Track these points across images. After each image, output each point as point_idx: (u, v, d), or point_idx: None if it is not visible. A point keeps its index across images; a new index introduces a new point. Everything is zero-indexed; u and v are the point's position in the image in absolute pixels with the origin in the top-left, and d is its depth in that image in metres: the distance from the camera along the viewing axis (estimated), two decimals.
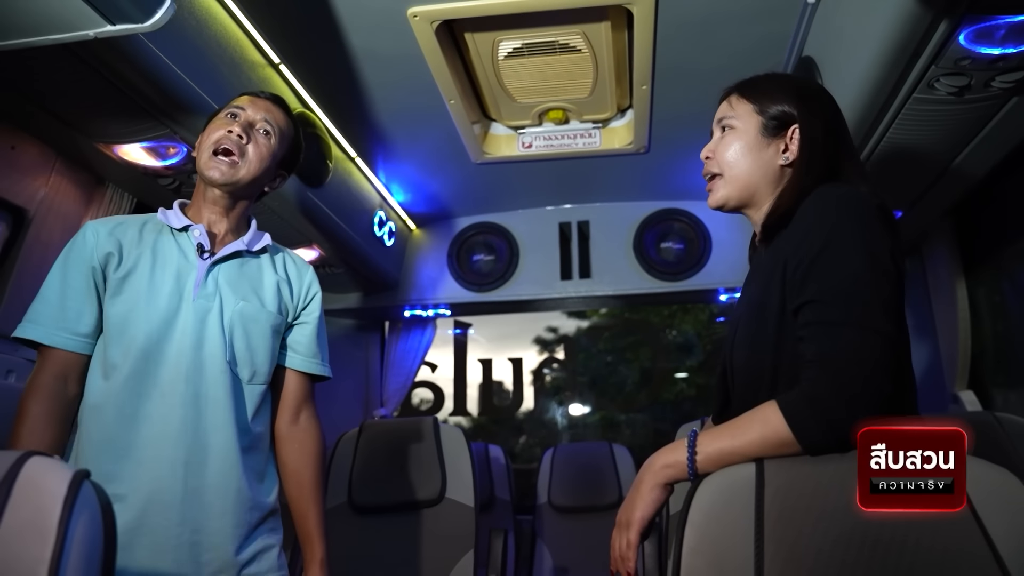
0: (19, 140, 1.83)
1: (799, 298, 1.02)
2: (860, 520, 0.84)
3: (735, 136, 1.22)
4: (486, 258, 3.51)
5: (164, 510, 1.27)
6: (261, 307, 1.44)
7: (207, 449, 1.33)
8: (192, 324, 1.35)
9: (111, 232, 1.38)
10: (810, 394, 0.94)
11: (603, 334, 8.07)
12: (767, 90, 1.23)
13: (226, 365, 1.37)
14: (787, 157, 1.19)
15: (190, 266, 1.39)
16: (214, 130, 1.43)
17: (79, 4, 1.08)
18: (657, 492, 1.04)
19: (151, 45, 1.54)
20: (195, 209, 1.47)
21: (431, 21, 1.95)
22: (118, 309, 1.33)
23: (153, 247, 1.39)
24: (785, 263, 1.07)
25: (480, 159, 2.78)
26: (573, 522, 3.30)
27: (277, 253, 1.56)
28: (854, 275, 0.99)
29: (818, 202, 1.08)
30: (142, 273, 1.36)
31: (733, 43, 2.10)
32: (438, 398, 5.80)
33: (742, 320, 1.16)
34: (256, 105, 1.48)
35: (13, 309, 1.84)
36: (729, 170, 1.21)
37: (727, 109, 1.25)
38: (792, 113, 1.19)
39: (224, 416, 1.35)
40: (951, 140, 1.86)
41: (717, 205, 1.25)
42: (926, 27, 1.44)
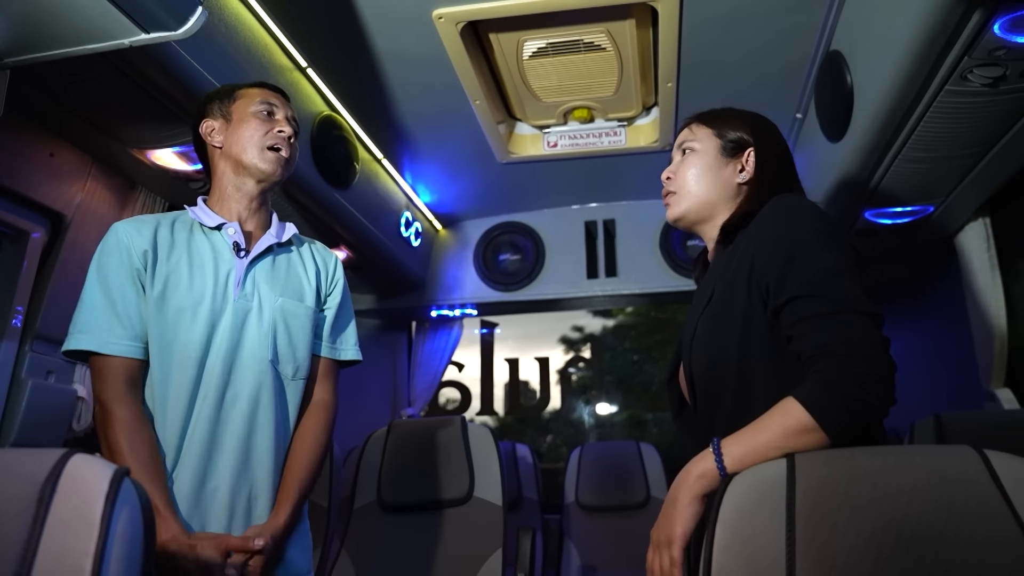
0: (57, 147, 1.88)
1: (780, 297, 1.06)
2: (894, 517, 0.83)
3: (696, 157, 1.30)
4: (512, 258, 3.52)
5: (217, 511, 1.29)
6: (299, 302, 1.44)
7: (251, 450, 1.33)
8: (232, 324, 1.34)
9: (143, 232, 1.36)
10: (827, 381, 0.96)
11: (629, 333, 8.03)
12: (725, 117, 1.32)
13: (268, 364, 1.36)
14: (744, 176, 1.27)
15: (227, 266, 1.39)
16: (257, 126, 1.42)
17: (115, 14, 1.11)
18: (696, 506, 1.02)
19: (183, 52, 1.58)
20: (221, 205, 1.44)
21: (456, 22, 1.96)
22: (165, 316, 1.31)
23: (188, 248, 1.38)
24: (752, 262, 1.11)
25: (505, 159, 2.79)
26: (601, 521, 3.29)
27: (302, 244, 1.55)
28: (832, 268, 1.04)
29: (779, 204, 1.15)
30: (181, 278, 1.34)
31: (759, 37, 2.09)
32: (465, 398, 5.81)
33: (703, 320, 1.18)
34: (281, 101, 1.49)
35: (53, 312, 1.89)
36: (687, 188, 1.29)
37: (688, 135, 1.33)
38: (748, 138, 1.29)
39: (267, 416, 1.35)
40: (985, 132, 1.83)
41: (675, 218, 1.31)
42: (959, 17, 1.41)
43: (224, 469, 1.30)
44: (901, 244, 2.68)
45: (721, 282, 1.18)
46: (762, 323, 1.09)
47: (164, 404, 1.30)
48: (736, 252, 1.17)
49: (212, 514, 1.29)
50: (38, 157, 1.83)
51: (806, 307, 1.02)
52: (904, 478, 0.85)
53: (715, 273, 1.23)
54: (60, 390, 1.91)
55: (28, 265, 1.85)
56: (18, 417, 1.79)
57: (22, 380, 1.81)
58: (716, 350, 1.14)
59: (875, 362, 0.96)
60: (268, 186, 1.46)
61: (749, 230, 1.17)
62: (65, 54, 1.24)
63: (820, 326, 1.01)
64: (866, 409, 0.94)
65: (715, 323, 1.15)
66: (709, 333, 1.16)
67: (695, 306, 1.24)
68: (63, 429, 1.92)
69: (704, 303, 1.20)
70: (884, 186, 2.17)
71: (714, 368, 1.14)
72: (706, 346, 1.16)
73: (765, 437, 0.97)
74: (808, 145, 2.50)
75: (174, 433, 1.29)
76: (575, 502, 3.35)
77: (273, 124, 1.44)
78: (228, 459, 1.31)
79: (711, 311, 1.17)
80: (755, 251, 1.12)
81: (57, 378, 1.91)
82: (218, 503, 1.29)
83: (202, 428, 1.30)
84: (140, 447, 1.23)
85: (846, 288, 1.02)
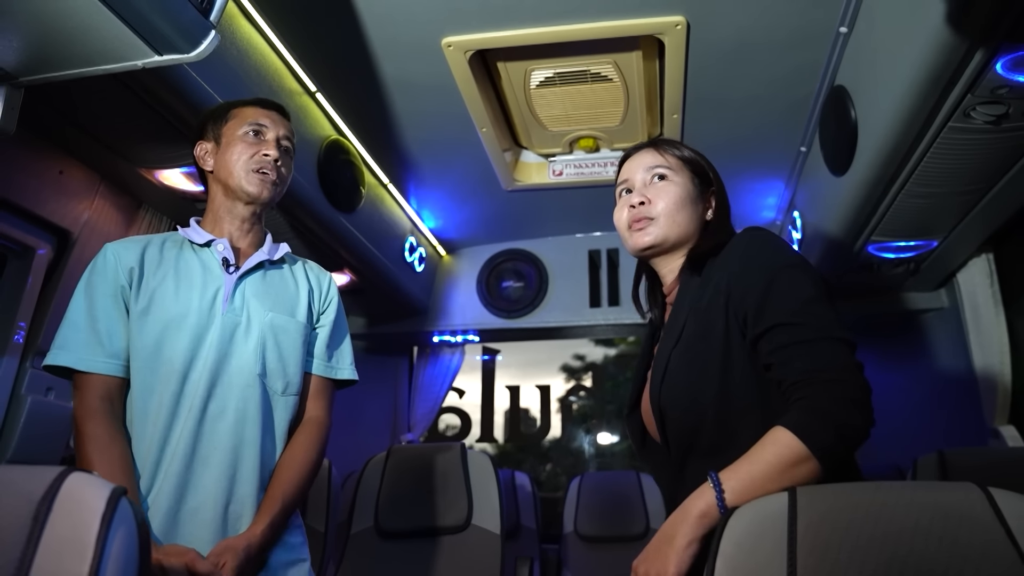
0: (66, 165, 1.89)
1: (759, 326, 1.06)
2: (897, 553, 0.82)
3: (675, 187, 1.26)
4: (515, 285, 3.52)
5: (198, 530, 1.27)
6: (290, 318, 1.43)
7: (237, 465, 1.32)
8: (219, 339, 1.34)
9: (131, 251, 1.38)
10: (812, 407, 0.97)
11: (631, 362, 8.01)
12: (688, 151, 1.31)
13: (256, 379, 1.35)
14: (710, 214, 1.28)
15: (216, 281, 1.39)
16: (243, 149, 1.43)
17: (130, 36, 1.12)
18: (695, 547, 0.97)
19: (194, 74, 1.60)
20: (214, 224, 1.45)
21: (465, 51, 1.99)
22: (149, 331, 1.32)
23: (175, 265, 1.39)
24: (728, 292, 1.11)
25: (511, 186, 2.81)
26: (599, 552, 3.25)
27: (295, 263, 1.55)
28: (811, 297, 1.06)
29: (754, 235, 1.16)
30: (167, 293, 1.35)
31: (764, 72, 2.11)
32: (465, 424, 5.78)
33: (676, 353, 1.16)
34: (274, 120, 1.48)
35: (56, 329, 1.89)
36: (669, 216, 1.24)
37: (659, 159, 1.28)
38: (709, 174, 1.30)
39: (254, 432, 1.34)
40: (988, 169, 1.84)
41: (650, 245, 1.25)
42: (961, 56, 1.43)
43: (208, 484, 1.28)
44: (904, 278, 2.68)
45: (694, 315, 1.16)
46: (742, 354, 1.09)
47: (144, 419, 1.29)
48: (708, 284, 1.16)
49: (193, 532, 1.26)
50: (47, 174, 1.85)
51: (784, 335, 1.04)
52: (907, 514, 0.84)
53: (683, 306, 1.20)
54: (59, 407, 1.91)
55: (33, 281, 1.86)
56: (16, 433, 1.78)
57: (22, 396, 1.81)
58: (693, 383, 1.12)
59: (855, 386, 0.98)
60: (258, 208, 1.46)
61: (719, 260, 1.17)
62: (79, 74, 1.26)
63: (801, 353, 1.02)
64: (853, 432, 0.96)
65: (690, 356, 1.14)
66: (685, 366, 1.14)
67: (665, 339, 1.21)
68: (61, 446, 1.91)
69: (676, 336, 1.17)
70: (887, 220, 2.18)
71: (691, 402, 1.11)
72: (682, 380, 1.13)
73: (761, 469, 0.96)
74: (812, 178, 2.51)
75: (154, 448, 1.28)
76: (574, 532, 3.31)
77: (260, 146, 1.43)
78: (212, 474, 1.29)
79: (685, 344, 1.15)
80: (730, 281, 1.12)
81: (56, 395, 1.91)
82: (200, 521, 1.27)
83: (185, 442, 1.28)
84: (110, 463, 1.22)
85: (823, 316, 1.04)
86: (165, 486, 1.26)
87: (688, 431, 1.13)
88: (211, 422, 1.31)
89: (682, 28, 1.90)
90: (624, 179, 1.32)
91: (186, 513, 1.27)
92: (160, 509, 1.26)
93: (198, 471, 1.29)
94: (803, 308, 1.05)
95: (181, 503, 1.27)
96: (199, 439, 1.29)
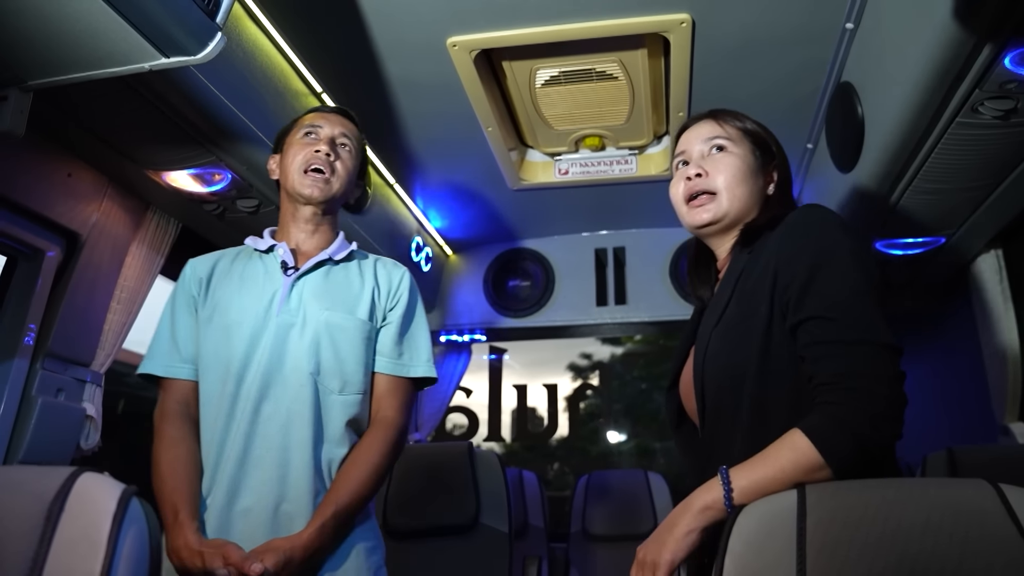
0: (75, 167, 1.90)
1: (798, 314, 1.01)
2: (907, 551, 0.82)
3: (735, 158, 1.20)
4: (522, 284, 3.52)
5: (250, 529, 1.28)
6: (349, 315, 1.43)
7: (288, 465, 1.32)
8: (273, 340, 1.36)
9: (205, 264, 1.49)
10: (835, 416, 0.94)
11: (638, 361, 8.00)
12: (752, 124, 1.25)
13: (309, 378, 1.36)
14: (772, 188, 1.22)
15: (274, 284, 1.43)
16: (297, 151, 1.48)
17: (136, 39, 1.13)
18: (694, 537, 0.98)
19: (201, 76, 1.60)
20: (283, 231, 1.52)
21: (470, 50, 1.99)
22: (211, 336, 1.39)
23: (241, 273, 1.46)
24: (776, 273, 1.05)
25: (517, 185, 2.81)
26: (607, 550, 3.25)
27: (366, 259, 1.56)
28: (854, 291, 0.99)
29: (810, 215, 1.08)
30: (229, 299, 1.41)
31: (770, 69, 2.10)
32: (472, 423, 5.79)
33: (717, 332, 1.12)
34: (330, 120, 1.53)
35: (65, 331, 1.90)
36: (731, 189, 1.18)
37: (718, 129, 1.23)
38: (771, 147, 1.23)
39: (305, 432, 1.34)
40: (997, 164, 1.83)
41: (712, 220, 1.19)
42: (969, 51, 1.42)
43: (258, 485, 1.30)
44: (913, 275, 2.67)
45: (739, 292, 1.11)
46: (783, 339, 1.04)
47: (206, 421, 1.37)
48: (757, 262, 1.11)
49: (245, 532, 1.27)
50: (56, 177, 1.86)
51: (822, 330, 0.99)
52: (917, 511, 0.84)
53: (730, 282, 1.15)
54: (69, 408, 1.92)
55: (42, 283, 1.87)
56: (27, 434, 1.79)
57: (32, 398, 1.82)
58: (733, 365, 1.08)
59: (885, 399, 0.94)
60: (318, 208, 1.49)
61: (772, 237, 1.10)
62: (87, 77, 1.26)
63: (834, 353, 0.97)
64: (873, 446, 0.93)
65: (732, 336, 1.09)
66: (725, 347, 1.10)
67: (708, 317, 1.17)
68: (71, 447, 1.93)
69: (718, 314, 1.13)
70: (895, 217, 2.17)
71: (730, 384, 1.08)
72: (722, 361, 1.10)
73: (774, 473, 0.95)
74: (819, 175, 2.50)
75: (213, 448, 1.34)
76: (581, 531, 3.32)
77: (312, 145, 1.48)
78: (262, 474, 1.31)
79: (727, 323, 1.11)
80: (779, 264, 1.05)
81: (67, 396, 1.92)
82: (251, 521, 1.29)
83: (239, 443, 1.32)
84: (176, 460, 1.31)
85: (866, 315, 0.98)
86: (220, 486, 1.30)
87: (724, 414, 1.09)
88: (264, 423, 1.33)
89: (687, 26, 1.89)
90: (681, 151, 1.26)
91: (238, 513, 1.30)
92: (215, 509, 1.29)
93: (250, 472, 1.31)
94: (847, 302, 0.99)
95: (233, 503, 1.30)
96: (252, 440, 1.32)
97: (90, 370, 2.00)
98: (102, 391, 2.04)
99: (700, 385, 1.13)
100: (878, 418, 0.92)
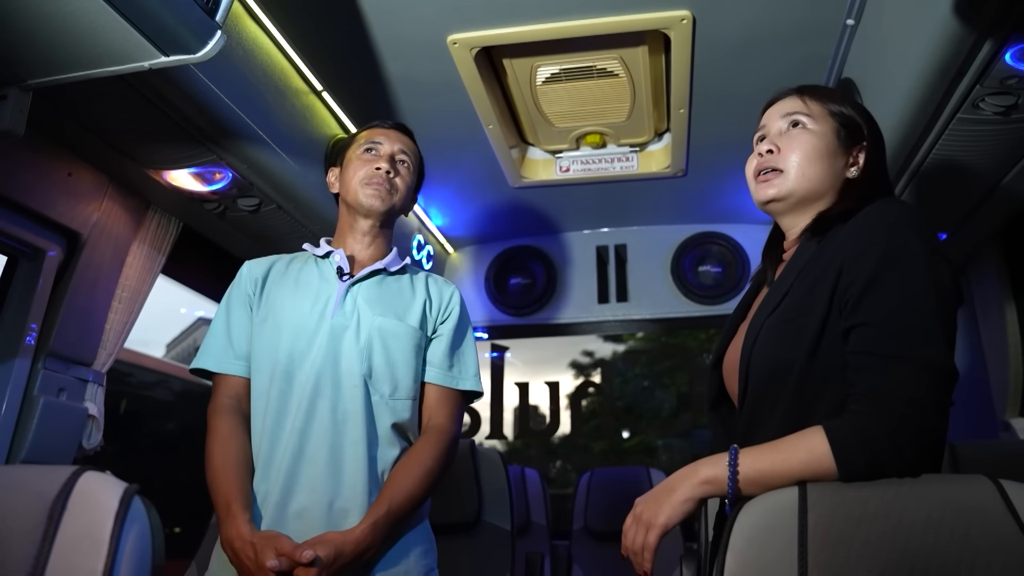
0: (75, 167, 1.90)
1: (853, 318, 0.98)
2: (908, 547, 0.82)
3: (811, 136, 1.16)
4: (523, 282, 3.52)
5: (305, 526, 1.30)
6: (400, 322, 1.47)
7: (342, 464, 1.35)
8: (328, 341, 1.40)
9: (261, 266, 1.54)
10: (859, 427, 0.92)
11: (640, 358, 8.01)
12: (841, 101, 1.20)
13: (362, 379, 1.39)
14: (853, 172, 1.15)
15: (329, 288, 1.47)
16: (358, 167, 1.54)
17: (136, 38, 1.13)
18: (690, 505, 0.99)
19: (201, 75, 1.60)
20: (340, 239, 1.58)
21: (470, 48, 1.99)
22: (265, 335, 1.43)
23: (297, 276, 1.51)
24: (840, 269, 1.01)
25: (518, 183, 2.81)
26: (610, 547, 3.25)
27: (417, 274, 1.61)
28: (920, 301, 0.95)
29: (885, 211, 1.03)
30: (284, 301, 1.46)
31: (772, 66, 2.10)
32: (474, 421, 5.79)
33: (771, 320, 1.09)
34: (390, 137, 1.60)
35: (66, 330, 1.91)
36: (799, 168, 1.15)
37: (799, 105, 1.19)
38: (862, 128, 1.17)
39: (360, 431, 1.37)
40: (998, 159, 1.83)
41: (776, 198, 1.17)
42: (970, 46, 1.42)
43: (314, 482, 1.33)
44: None
45: (800, 284, 1.08)
46: (835, 340, 1.01)
47: (256, 416, 1.40)
48: (825, 253, 1.06)
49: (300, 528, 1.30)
50: (56, 176, 1.86)
51: (868, 339, 0.95)
52: (918, 508, 0.84)
53: (793, 270, 1.11)
54: (71, 408, 1.92)
55: (44, 283, 1.87)
56: (29, 434, 1.79)
57: (34, 397, 1.82)
58: (781, 356, 1.05)
59: (917, 424, 0.90)
60: (376, 221, 1.55)
61: (844, 230, 1.06)
62: (87, 76, 1.26)
63: (872, 366, 0.94)
64: (889, 466, 0.90)
65: (785, 329, 1.06)
66: (777, 337, 1.07)
67: (766, 302, 1.13)
68: (73, 447, 1.93)
69: (776, 302, 1.10)
70: None
71: (774, 376, 1.06)
72: (771, 350, 1.07)
73: (782, 467, 0.94)
74: None
75: (264, 444, 1.37)
76: (584, 528, 3.32)
77: (374, 161, 1.54)
78: (316, 471, 1.33)
79: (783, 314, 1.07)
80: (845, 261, 1.01)
81: (68, 396, 1.92)
82: (307, 519, 1.31)
83: (294, 441, 1.35)
84: (228, 453, 1.35)
85: (916, 329, 0.94)
86: (275, 483, 1.33)
87: (764, 401, 1.07)
88: (318, 421, 1.36)
89: (688, 22, 1.89)
90: (761, 125, 1.24)
91: (294, 510, 1.32)
92: (270, 505, 1.32)
93: (305, 468, 1.34)
94: (904, 313, 0.94)
95: (289, 500, 1.33)
96: (306, 437, 1.35)
97: (92, 370, 2.00)
98: (104, 390, 2.04)
99: (745, 370, 1.10)
100: (900, 439, 0.89)
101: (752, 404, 1.09)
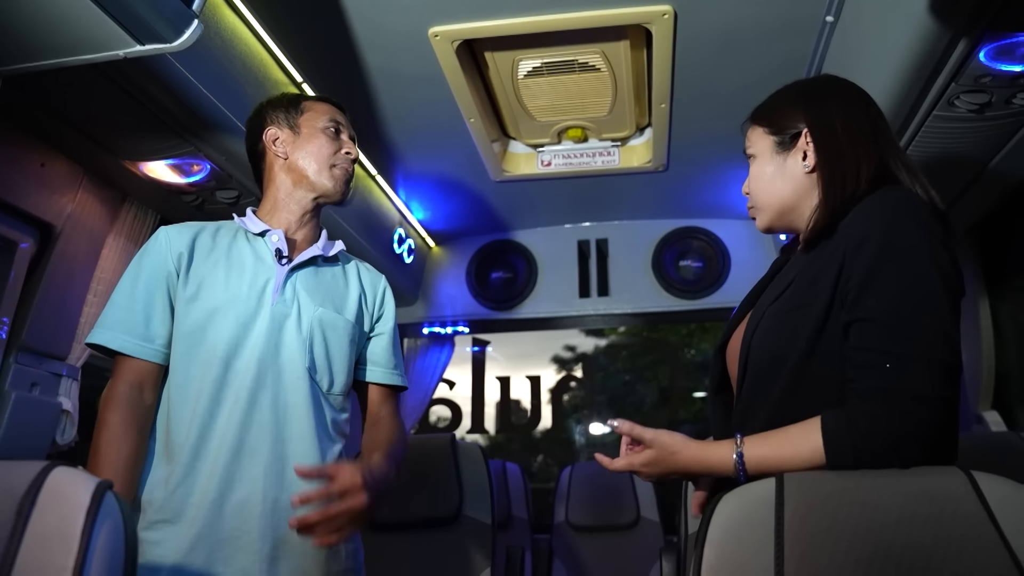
0: (48, 157, 1.87)
1: (853, 312, 0.97)
2: (882, 539, 0.83)
3: (756, 164, 1.21)
4: (505, 276, 3.52)
5: (245, 522, 1.25)
6: (339, 315, 1.42)
7: (286, 459, 1.29)
8: (268, 329, 1.32)
9: (183, 236, 1.37)
10: (854, 420, 0.93)
11: (621, 353, 8.04)
12: (774, 106, 1.21)
13: (305, 372, 1.33)
14: (807, 164, 1.13)
15: (267, 271, 1.37)
16: (323, 143, 1.45)
17: (110, 25, 1.11)
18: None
19: (178, 64, 1.58)
20: (272, 214, 1.45)
21: (452, 40, 1.97)
22: (195, 316, 1.30)
23: (227, 252, 1.38)
24: (842, 261, 1.00)
25: (499, 177, 2.80)
26: (591, 541, 3.27)
27: (349, 262, 1.55)
28: (922, 296, 0.94)
29: (882, 199, 1.01)
30: (216, 280, 1.34)
31: (752, 62, 2.11)
32: (456, 415, 5.79)
33: (772, 310, 1.09)
34: (346, 121, 1.53)
35: (39, 324, 1.88)
36: (761, 198, 1.20)
37: (746, 142, 1.24)
38: (799, 119, 1.15)
39: (305, 425, 1.31)
40: (972, 157, 1.85)
41: (765, 229, 1.23)
42: (945, 45, 1.44)
43: (255, 476, 1.26)
44: None
45: (803, 276, 1.08)
46: (835, 332, 1.00)
47: (183, 405, 1.28)
48: (829, 244, 1.06)
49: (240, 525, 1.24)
50: (29, 167, 1.83)
51: (868, 335, 0.95)
52: (892, 499, 0.85)
53: (798, 263, 1.12)
54: (44, 403, 1.89)
55: (15, 275, 1.84)
56: (0, 430, 1.76)
57: (5, 392, 1.79)
58: (779, 349, 1.05)
59: (918, 424, 0.90)
60: (325, 202, 1.48)
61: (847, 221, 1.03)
62: (59, 64, 1.24)
63: (872, 362, 0.94)
64: (874, 460, 0.90)
65: (786, 319, 1.06)
66: (777, 327, 1.07)
67: (772, 288, 1.14)
68: (46, 442, 1.90)
69: (780, 290, 1.10)
70: None
71: (771, 365, 1.06)
72: (771, 339, 1.07)
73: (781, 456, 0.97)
74: None
75: (192, 435, 1.26)
76: (565, 522, 3.33)
77: (340, 144, 1.47)
78: (258, 465, 1.26)
79: (783, 304, 1.08)
80: (846, 254, 1.00)
81: (41, 391, 1.89)
82: (247, 514, 1.25)
83: (232, 432, 1.26)
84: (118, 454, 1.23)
85: (926, 324, 0.92)
86: (211, 476, 1.24)
87: (761, 388, 1.07)
88: (259, 413, 1.28)
89: (669, 17, 1.89)
90: None
91: (233, 505, 1.25)
92: (206, 499, 1.23)
93: (245, 463, 1.26)
94: (905, 308, 0.93)
95: (228, 494, 1.25)
96: (247, 429, 1.27)
97: (66, 364, 1.97)
98: (79, 385, 2.01)
99: (744, 356, 1.11)
100: (904, 441, 0.89)
101: (748, 392, 1.10)
